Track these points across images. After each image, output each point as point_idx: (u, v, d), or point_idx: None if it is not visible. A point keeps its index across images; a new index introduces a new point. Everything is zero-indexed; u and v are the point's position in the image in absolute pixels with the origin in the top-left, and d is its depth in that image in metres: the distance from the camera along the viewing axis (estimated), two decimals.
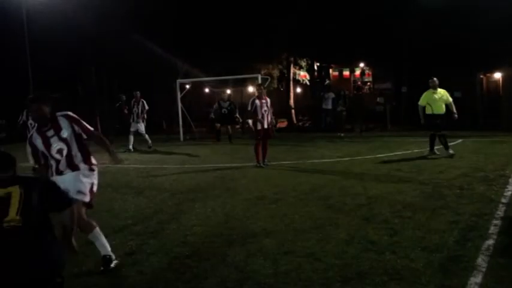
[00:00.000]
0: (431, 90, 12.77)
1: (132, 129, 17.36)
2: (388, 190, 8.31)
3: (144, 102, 17.54)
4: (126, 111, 17.90)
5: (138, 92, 17.53)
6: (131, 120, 17.39)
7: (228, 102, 19.58)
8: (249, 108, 12.25)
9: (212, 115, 19.42)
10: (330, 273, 4.61)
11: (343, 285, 4.34)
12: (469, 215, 6.46)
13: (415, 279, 4.39)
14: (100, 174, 11.30)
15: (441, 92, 12.79)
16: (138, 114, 17.25)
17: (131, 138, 17.28)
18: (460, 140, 16.08)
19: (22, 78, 26.25)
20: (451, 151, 12.36)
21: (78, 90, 30.15)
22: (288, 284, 4.44)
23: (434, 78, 12.87)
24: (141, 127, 17.38)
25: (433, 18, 20.71)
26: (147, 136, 17.45)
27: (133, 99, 17.53)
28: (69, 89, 29.34)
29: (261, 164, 11.90)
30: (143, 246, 5.72)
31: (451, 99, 12.87)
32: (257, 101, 12.01)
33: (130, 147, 17.16)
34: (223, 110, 19.13)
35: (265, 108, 11.99)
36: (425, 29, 21.16)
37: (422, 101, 12.91)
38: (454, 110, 12.83)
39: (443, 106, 12.71)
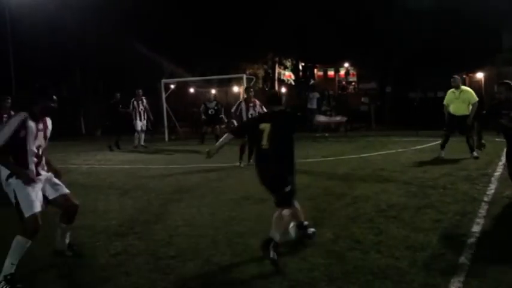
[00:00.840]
0: (451, 90, 12.18)
1: (138, 128, 17.73)
2: (373, 190, 8.36)
3: (145, 100, 17.91)
4: (121, 109, 17.78)
5: (140, 90, 17.76)
6: (136, 119, 17.64)
7: (214, 102, 19.53)
8: (233, 110, 12.26)
9: (204, 117, 19.31)
10: (315, 273, 4.62)
11: (328, 285, 4.36)
12: (452, 214, 6.53)
13: (399, 278, 4.42)
14: (85, 174, 11.28)
15: (463, 91, 12.06)
16: (141, 112, 17.63)
17: (142, 136, 17.87)
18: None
19: (5, 78, 25.95)
20: (475, 153, 11.62)
21: (62, 90, 29.85)
22: (273, 284, 4.45)
23: (456, 77, 12.27)
24: (138, 125, 17.72)
25: (416, 19, 20.88)
26: (142, 135, 17.88)
27: (135, 98, 17.76)
28: (54, 88, 29.08)
29: (241, 165, 11.91)
30: (128, 247, 5.69)
31: (474, 100, 11.98)
32: (243, 104, 12.02)
33: (142, 142, 17.84)
34: (209, 111, 19.08)
35: (252, 111, 11.96)
36: (409, 30, 21.33)
37: (445, 100, 12.43)
38: (471, 114, 11.82)
39: (464, 107, 11.96)
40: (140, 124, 17.68)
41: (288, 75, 32.34)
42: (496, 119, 7.49)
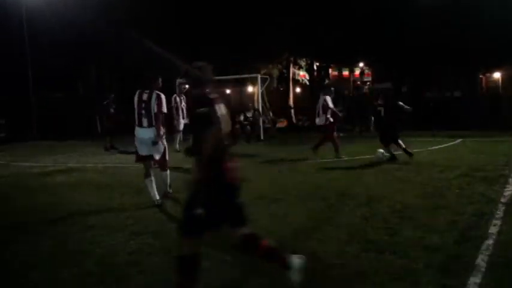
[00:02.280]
0: None
1: (180, 128, 16.26)
2: (388, 190, 8.31)
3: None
4: (112, 110, 17.05)
5: (186, 86, 16.43)
6: (179, 117, 16.29)
7: (251, 112, 19.45)
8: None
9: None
10: (330, 273, 4.61)
11: (343, 285, 4.35)
12: (468, 215, 6.47)
13: (415, 279, 4.39)
14: (101, 173, 11.36)
15: None
16: (183, 109, 16.39)
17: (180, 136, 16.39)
18: (459, 140, 16.10)
19: (22, 78, 26.24)
20: None
21: (78, 89, 30.14)
22: (288, 284, 4.44)
23: None
24: (181, 125, 16.33)
25: (433, 18, 20.72)
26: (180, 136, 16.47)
27: (177, 94, 16.64)
28: (70, 88, 29.34)
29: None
30: (144, 246, 5.72)
31: None
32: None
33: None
34: (249, 119, 19.04)
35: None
36: (426, 29, 21.17)
37: None
38: None
39: None
40: (183, 123, 16.15)
41: (302, 75, 32.25)
42: None
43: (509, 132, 18.06)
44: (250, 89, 31.68)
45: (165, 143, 8.44)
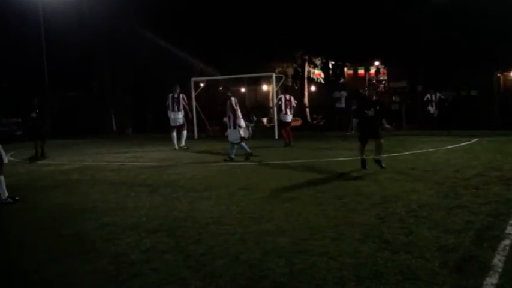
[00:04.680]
0: None
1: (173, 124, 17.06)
2: (403, 189, 8.26)
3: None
4: (34, 115, 16.55)
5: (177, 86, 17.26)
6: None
7: None
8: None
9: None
10: (344, 273, 4.59)
11: (357, 285, 4.32)
12: (485, 215, 6.40)
13: (430, 279, 4.35)
14: (115, 172, 11.48)
15: None
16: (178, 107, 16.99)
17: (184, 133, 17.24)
18: (476, 139, 15.94)
19: (38, 77, 26.51)
20: None
21: (93, 88, 30.37)
22: (302, 283, 4.43)
23: None
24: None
25: (449, 16, 20.54)
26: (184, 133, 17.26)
27: (173, 94, 17.06)
28: (85, 87, 29.59)
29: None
30: (158, 244, 5.74)
31: None
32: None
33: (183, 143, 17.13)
34: None
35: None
36: (442, 28, 20.99)
37: None
38: None
39: None
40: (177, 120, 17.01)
41: (317, 73, 32.13)
42: None
43: None
44: (265, 87, 31.70)
45: None
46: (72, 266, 5.17)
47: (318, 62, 30.47)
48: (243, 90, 33.60)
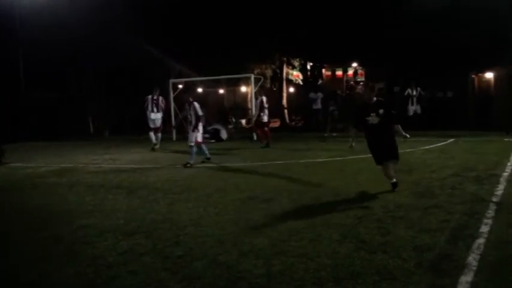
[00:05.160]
0: None
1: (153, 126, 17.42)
2: (380, 190, 8.32)
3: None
4: None
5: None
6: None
7: None
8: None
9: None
10: (322, 273, 4.61)
11: (335, 285, 4.35)
12: (460, 214, 6.50)
13: (406, 278, 4.40)
14: (93, 174, 11.37)
15: None
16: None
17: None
18: (451, 140, 16.17)
19: (13, 78, 26.14)
20: None
21: (69, 90, 30.03)
22: (280, 284, 4.44)
23: None
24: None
25: (425, 18, 20.78)
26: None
27: (152, 95, 17.36)
28: (62, 88, 29.25)
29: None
30: (135, 246, 5.70)
31: None
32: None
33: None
34: None
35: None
36: (418, 29, 21.23)
37: None
38: None
39: None
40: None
41: (296, 75, 32.24)
42: None
43: (500, 132, 18.16)
44: (243, 88, 31.70)
45: None
46: (49, 270, 5.10)
47: (296, 64, 30.58)
48: (221, 91, 33.54)
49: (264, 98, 17.43)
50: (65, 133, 26.22)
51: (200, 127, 12.73)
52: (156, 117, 17.18)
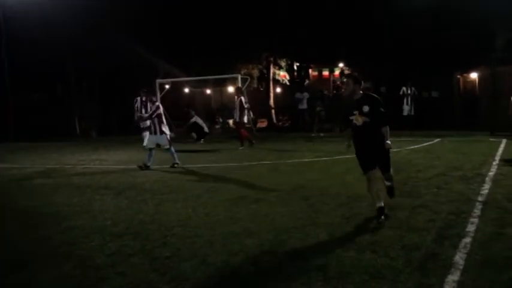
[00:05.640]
0: None
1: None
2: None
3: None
4: None
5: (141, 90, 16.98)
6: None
7: None
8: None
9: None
10: (311, 273, 4.63)
11: (324, 285, 4.37)
12: (446, 214, 6.56)
13: (394, 277, 4.43)
14: (80, 175, 11.29)
15: None
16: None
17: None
18: (437, 140, 16.30)
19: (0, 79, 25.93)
20: None
21: (56, 90, 29.81)
22: (269, 283, 4.46)
23: None
24: None
25: (410, 19, 20.91)
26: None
27: (141, 96, 16.96)
28: (49, 88, 29.04)
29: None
30: (123, 248, 5.68)
31: None
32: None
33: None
34: None
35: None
36: (404, 30, 21.37)
37: None
38: None
39: None
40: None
41: (282, 75, 32.25)
42: None
43: (485, 131, 18.34)
44: (230, 89, 31.68)
45: None
46: (36, 271, 5.06)
47: (283, 64, 30.60)
48: (208, 91, 33.48)
49: (243, 98, 17.26)
50: (52, 134, 26.03)
51: (165, 129, 12.37)
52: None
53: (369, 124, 6.30)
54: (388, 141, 6.30)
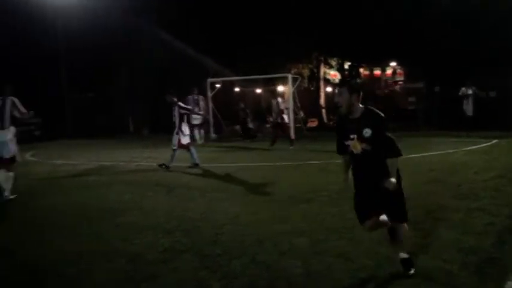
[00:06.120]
0: None
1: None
2: (421, 190, 8.15)
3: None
4: None
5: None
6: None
7: None
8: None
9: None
10: (361, 274, 4.55)
11: (375, 286, 4.29)
12: (504, 217, 6.31)
13: (449, 281, 4.30)
14: (133, 172, 11.51)
15: None
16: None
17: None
18: (494, 141, 15.74)
19: (56, 78, 26.88)
20: None
21: (110, 90, 30.56)
22: (318, 284, 4.41)
23: None
24: None
25: (466, 17, 20.36)
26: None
27: (193, 95, 18.38)
28: (102, 88, 29.85)
29: None
30: (175, 244, 5.75)
31: None
32: None
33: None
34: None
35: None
36: (460, 29, 20.81)
37: None
38: None
39: None
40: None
41: (333, 74, 32.00)
42: None
43: None
44: (281, 88, 31.68)
45: None
46: (90, 265, 5.19)
47: (333, 63, 30.36)
48: (258, 91, 33.58)
49: (280, 99, 17.52)
50: (105, 131, 26.74)
51: (185, 128, 12.36)
52: (196, 116, 17.58)
53: (370, 153, 4.63)
54: (393, 179, 4.68)
